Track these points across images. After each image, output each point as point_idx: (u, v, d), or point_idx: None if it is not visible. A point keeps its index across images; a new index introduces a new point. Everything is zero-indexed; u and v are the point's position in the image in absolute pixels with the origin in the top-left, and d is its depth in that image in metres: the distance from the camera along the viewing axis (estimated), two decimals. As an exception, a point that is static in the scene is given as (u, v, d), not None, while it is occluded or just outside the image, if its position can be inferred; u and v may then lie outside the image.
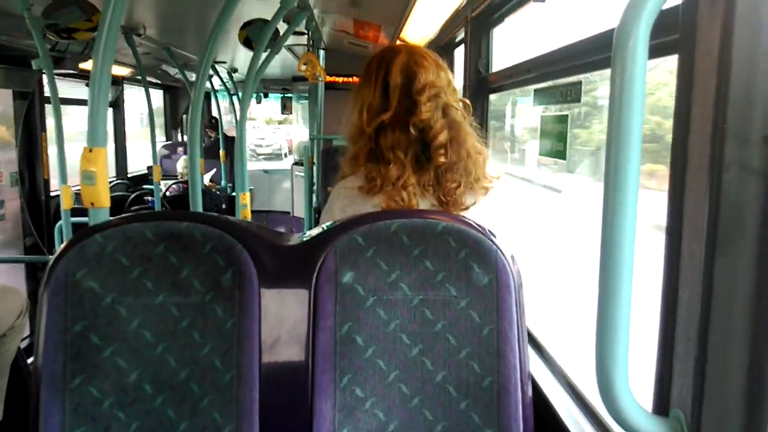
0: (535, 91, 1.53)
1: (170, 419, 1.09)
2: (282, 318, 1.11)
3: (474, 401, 1.09)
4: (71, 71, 4.02)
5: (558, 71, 1.43)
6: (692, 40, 0.70)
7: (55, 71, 3.19)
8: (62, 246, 1.11)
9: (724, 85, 0.65)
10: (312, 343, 1.10)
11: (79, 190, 1.35)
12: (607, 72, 0.71)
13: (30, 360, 2.40)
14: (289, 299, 1.12)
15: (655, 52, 0.76)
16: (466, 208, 1.29)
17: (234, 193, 3.92)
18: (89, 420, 1.06)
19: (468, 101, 1.38)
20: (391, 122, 1.30)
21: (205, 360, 1.09)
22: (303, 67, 4.04)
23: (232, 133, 6.63)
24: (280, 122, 20.10)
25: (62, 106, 3.25)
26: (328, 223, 1.18)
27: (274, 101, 9.37)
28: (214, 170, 6.67)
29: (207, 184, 6.18)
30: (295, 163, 7.50)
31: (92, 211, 1.31)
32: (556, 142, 1.39)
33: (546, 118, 1.44)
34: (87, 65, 4.09)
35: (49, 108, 3.75)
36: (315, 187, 4.87)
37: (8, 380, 2.17)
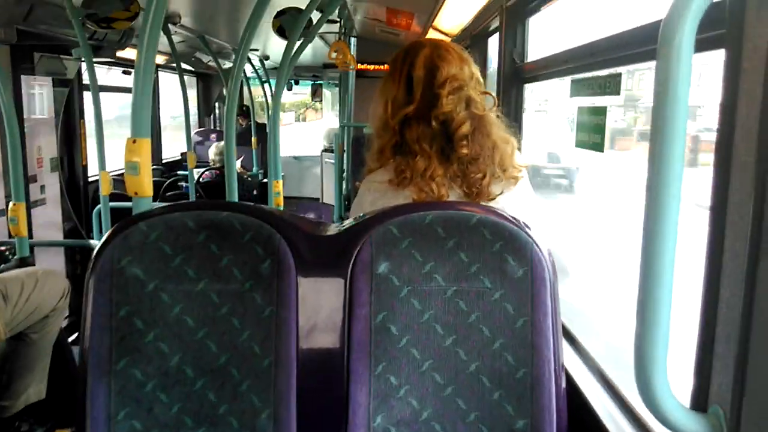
0: (573, 81, 1.52)
1: (210, 402, 1.12)
2: (319, 306, 1.14)
3: (507, 392, 1.10)
4: (110, 59, 4.10)
5: (596, 63, 1.41)
6: (739, 35, 0.69)
7: (94, 59, 3.25)
8: (107, 234, 1.15)
9: None
10: (348, 332, 1.12)
11: (116, 176, 1.39)
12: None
13: (71, 339, 2.48)
14: (326, 288, 1.14)
15: (701, 46, 0.75)
16: (493, 198, 1.30)
17: (265, 180, 3.96)
18: (133, 401, 1.11)
19: (493, 94, 1.38)
20: (415, 115, 1.32)
21: (244, 346, 1.12)
22: (333, 55, 4.05)
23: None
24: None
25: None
26: (363, 214, 1.20)
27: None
28: (243, 156, 6.70)
29: (238, 170, 6.24)
30: (325, 150, 7.53)
31: (135, 200, 1.35)
32: (594, 134, 1.37)
33: (583, 109, 1.43)
34: (124, 53, 4.16)
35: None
36: (345, 174, 4.90)
37: (51, 360, 2.25)
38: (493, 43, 2.75)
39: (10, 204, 2.47)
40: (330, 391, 1.12)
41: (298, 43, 2.79)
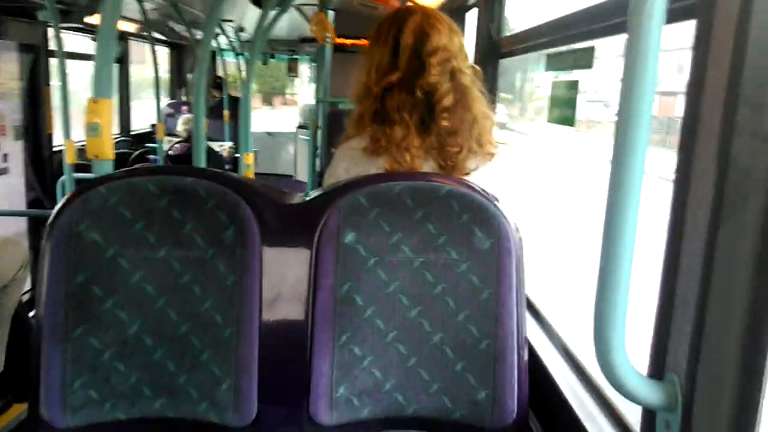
0: (548, 56, 1.50)
1: (169, 372, 1.10)
2: (283, 276, 1.12)
3: (470, 363, 1.10)
4: (77, 24, 3.97)
5: (572, 36, 1.40)
6: (711, 4, 0.68)
7: (61, 24, 3.14)
8: (66, 197, 1.11)
9: (742, 50, 0.64)
10: (312, 302, 1.10)
11: (82, 145, 1.35)
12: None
13: (32, 313, 2.42)
14: (291, 257, 1.12)
15: (674, 16, 0.74)
16: (468, 173, 1.29)
17: (237, 154, 3.90)
18: (90, 370, 1.08)
19: (478, 68, 1.36)
20: (399, 83, 1.29)
21: (205, 315, 1.10)
22: (314, 28, 3.98)
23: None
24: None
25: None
26: (331, 183, 1.17)
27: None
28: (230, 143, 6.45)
29: (226, 152, 6.08)
30: (300, 126, 7.44)
31: (96, 163, 1.31)
32: (566, 109, 1.37)
33: (557, 83, 1.42)
34: (93, 19, 4.03)
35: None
36: (319, 151, 4.84)
37: (10, 333, 2.19)
38: (471, 17, 2.72)
39: None
40: (293, 361, 1.11)
41: (273, 14, 2.72)
